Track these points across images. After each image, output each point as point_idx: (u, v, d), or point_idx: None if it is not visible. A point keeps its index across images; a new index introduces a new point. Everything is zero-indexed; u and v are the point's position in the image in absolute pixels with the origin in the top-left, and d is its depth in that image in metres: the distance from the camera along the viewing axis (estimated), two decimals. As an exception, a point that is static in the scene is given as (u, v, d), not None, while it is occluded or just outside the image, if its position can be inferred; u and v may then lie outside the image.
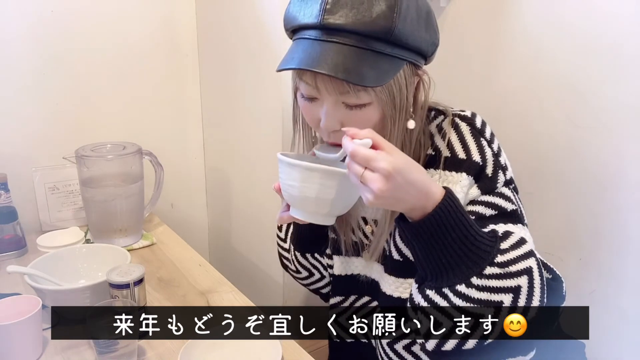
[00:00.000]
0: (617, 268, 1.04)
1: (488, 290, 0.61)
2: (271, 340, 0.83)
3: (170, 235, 1.30)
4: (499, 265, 0.61)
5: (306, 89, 0.71)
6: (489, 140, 0.75)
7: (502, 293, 0.61)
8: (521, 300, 0.61)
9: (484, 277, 0.61)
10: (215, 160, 1.56)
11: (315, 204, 0.68)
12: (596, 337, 1.07)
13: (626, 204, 1.01)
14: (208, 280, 1.08)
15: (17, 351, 0.79)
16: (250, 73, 1.29)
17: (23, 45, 1.23)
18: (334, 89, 0.68)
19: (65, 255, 1.00)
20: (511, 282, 0.61)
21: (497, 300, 0.61)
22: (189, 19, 1.45)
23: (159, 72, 1.44)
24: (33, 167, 1.24)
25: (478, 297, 0.61)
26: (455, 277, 0.62)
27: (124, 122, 1.41)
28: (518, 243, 0.64)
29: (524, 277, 0.62)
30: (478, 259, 0.61)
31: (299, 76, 0.72)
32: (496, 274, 0.61)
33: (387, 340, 0.86)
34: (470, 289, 0.61)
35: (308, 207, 0.70)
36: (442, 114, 0.79)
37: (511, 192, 0.74)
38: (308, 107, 0.74)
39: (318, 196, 0.67)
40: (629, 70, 0.97)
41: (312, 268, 0.97)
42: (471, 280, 0.61)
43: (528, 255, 0.63)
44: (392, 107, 0.70)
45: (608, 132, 1.02)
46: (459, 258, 0.61)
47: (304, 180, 0.67)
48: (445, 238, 0.61)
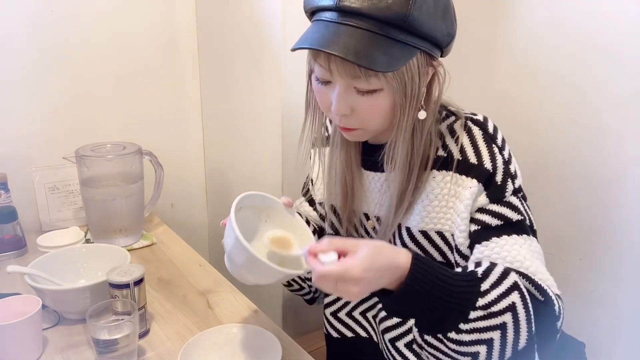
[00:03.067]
0: (617, 268, 1.04)
1: (477, 331, 0.64)
2: (271, 340, 0.83)
3: (170, 235, 1.30)
4: (482, 308, 0.63)
5: (320, 71, 0.72)
6: (500, 147, 0.75)
7: (490, 331, 0.64)
8: (509, 335, 0.64)
9: (470, 322, 0.63)
10: (215, 160, 1.56)
11: (242, 271, 0.71)
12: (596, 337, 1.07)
13: (626, 204, 1.01)
14: (208, 280, 1.08)
15: (17, 351, 0.79)
16: (250, 73, 1.29)
17: (23, 45, 1.23)
18: (346, 72, 0.68)
19: (65, 255, 1.00)
20: (496, 320, 0.63)
21: (487, 339, 0.64)
22: (189, 19, 1.45)
23: (159, 72, 1.44)
24: (33, 167, 1.24)
25: (469, 339, 0.64)
26: (444, 328, 0.64)
27: (124, 122, 1.41)
28: (499, 280, 0.65)
29: (508, 314, 0.64)
30: (461, 307, 0.64)
31: (313, 58, 0.72)
32: (480, 316, 0.63)
33: (389, 336, 0.87)
34: (460, 334, 0.64)
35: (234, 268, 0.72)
36: (453, 115, 0.79)
37: (519, 200, 0.74)
38: (321, 90, 0.74)
39: (242, 268, 0.70)
40: (629, 70, 0.97)
41: (291, 280, 0.97)
42: (459, 326, 0.64)
43: (510, 291, 0.65)
44: (402, 95, 0.70)
45: (608, 132, 1.02)
46: (443, 312, 0.64)
47: (249, 270, 0.70)
48: (425, 299, 0.63)
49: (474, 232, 0.74)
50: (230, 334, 0.85)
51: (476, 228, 0.73)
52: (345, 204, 0.87)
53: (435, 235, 0.79)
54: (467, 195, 0.73)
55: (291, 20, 1.12)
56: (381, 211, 0.84)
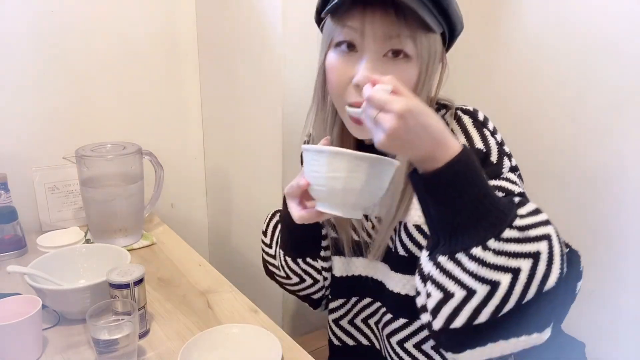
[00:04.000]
0: (617, 268, 1.04)
1: (506, 254, 0.56)
2: (271, 340, 0.83)
3: (170, 235, 1.30)
4: (518, 229, 0.57)
5: (349, 34, 0.68)
6: (492, 131, 0.75)
7: (520, 258, 0.56)
8: (540, 267, 0.56)
9: (502, 241, 0.56)
10: (215, 160, 1.56)
11: (360, 195, 0.62)
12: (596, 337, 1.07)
13: (626, 204, 1.01)
14: (208, 280, 1.08)
15: (17, 351, 0.79)
16: (250, 73, 1.29)
17: (23, 45, 1.23)
18: (384, 31, 0.66)
19: (65, 255, 1.00)
20: (530, 247, 0.57)
21: (514, 267, 0.56)
22: (189, 19, 1.46)
23: (159, 72, 1.44)
24: (33, 167, 1.24)
25: (494, 262, 0.56)
26: (471, 239, 0.57)
27: (124, 122, 1.41)
28: (535, 211, 0.60)
29: (544, 242, 0.57)
30: (496, 220, 0.57)
31: (341, 23, 0.68)
32: (515, 237, 0.57)
33: (397, 338, 0.85)
34: (486, 252, 0.56)
35: (350, 200, 0.63)
36: (444, 107, 0.79)
37: (517, 177, 0.73)
38: (341, 63, 0.70)
39: (365, 186, 0.61)
40: (629, 69, 0.97)
41: (304, 274, 0.92)
42: (488, 243, 0.56)
43: (546, 223, 0.59)
44: (425, 71, 0.69)
45: (608, 132, 1.02)
46: (476, 217, 0.57)
47: (352, 170, 0.60)
48: (461, 194, 0.56)
49: None
50: (230, 334, 0.85)
51: None
52: None
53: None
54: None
55: (291, 20, 1.12)
56: (382, 211, 0.83)
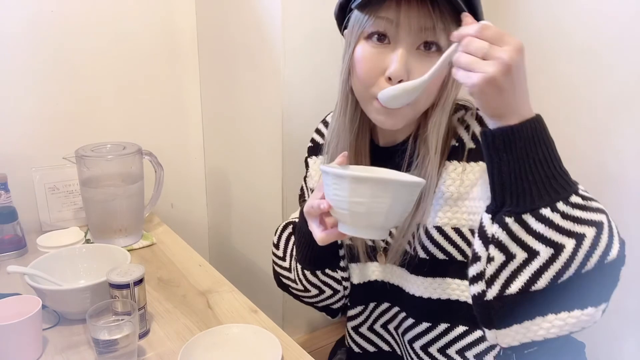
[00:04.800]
0: (617, 268, 1.04)
1: (572, 219, 0.57)
2: (271, 340, 0.83)
3: (170, 235, 1.30)
4: (583, 198, 0.59)
5: (383, 25, 0.68)
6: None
7: (585, 225, 0.57)
8: (604, 237, 0.58)
9: (570, 205, 0.57)
10: (215, 160, 1.56)
11: (384, 217, 0.62)
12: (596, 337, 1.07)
13: (626, 204, 1.01)
14: (208, 280, 1.08)
15: (17, 351, 0.79)
16: (250, 73, 1.29)
17: (23, 45, 1.23)
18: (419, 23, 0.66)
19: (65, 255, 1.00)
20: (594, 216, 0.58)
21: (580, 232, 0.57)
22: (189, 19, 1.46)
23: (159, 72, 1.44)
24: (33, 167, 1.24)
25: (561, 225, 0.57)
26: (541, 199, 0.57)
27: (124, 122, 1.41)
28: (593, 198, 0.62)
29: (604, 215, 0.59)
30: (565, 184, 0.58)
31: (374, 14, 0.68)
32: (581, 205, 0.58)
33: (420, 343, 0.84)
34: (555, 213, 0.57)
35: (373, 222, 0.63)
36: (463, 108, 0.78)
37: None
38: (374, 54, 0.69)
39: (389, 209, 0.61)
40: (628, 69, 0.97)
41: (323, 285, 0.90)
42: (557, 205, 0.57)
43: (599, 211, 0.61)
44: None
45: (607, 132, 1.02)
46: (548, 178, 0.57)
47: (376, 195, 0.60)
48: (538, 152, 0.57)
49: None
50: (230, 334, 0.85)
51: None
52: None
53: (451, 231, 0.76)
54: (480, 174, 0.71)
55: (291, 20, 1.12)
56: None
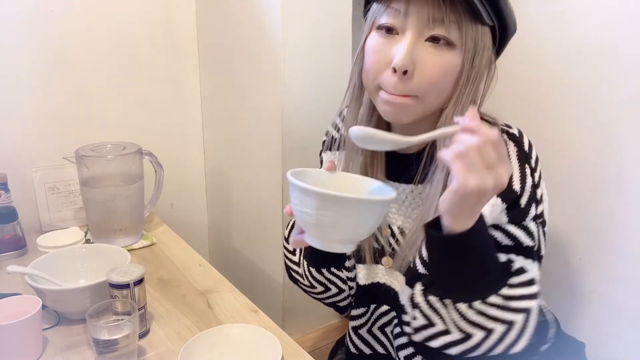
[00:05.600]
0: (617, 268, 1.04)
1: (485, 316, 0.62)
2: (271, 340, 0.83)
3: (170, 235, 1.30)
4: (504, 298, 0.63)
5: (392, 16, 0.67)
6: (533, 168, 0.72)
7: (497, 322, 0.63)
8: (511, 335, 0.63)
9: (486, 304, 0.62)
10: (215, 160, 1.56)
11: (335, 232, 0.62)
12: (596, 337, 1.07)
13: (626, 204, 1.01)
14: (208, 280, 1.08)
15: (17, 351, 0.79)
16: (250, 73, 1.29)
17: (23, 45, 1.23)
18: (428, 14, 0.64)
19: (65, 255, 1.00)
20: (508, 315, 0.63)
21: (489, 327, 0.63)
22: (189, 18, 1.46)
23: (159, 72, 1.44)
24: (33, 167, 1.24)
25: (474, 319, 0.63)
26: (462, 296, 0.63)
27: (124, 122, 1.41)
28: (528, 283, 0.65)
29: (522, 315, 0.63)
30: (490, 286, 0.62)
31: (386, 3, 0.67)
32: (498, 304, 0.62)
33: (404, 353, 0.84)
34: (470, 310, 0.62)
35: (326, 235, 0.63)
36: (488, 123, 0.74)
37: (537, 226, 0.72)
38: (381, 46, 0.69)
39: (336, 224, 0.60)
40: (628, 70, 0.97)
41: (329, 283, 0.90)
42: (474, 303, 0.62)
43: (532, 297, 0.64)
44: (471, 63, 0.66)
45: (608, 132, 1.02)
46: (474, 280, 0.62)
47: (321, 208, 0.59)
48: (473, 258, 0.61)
49: None
50: (230, 334, 0.85)
51: None
52: None
53: None
54: (487, 212, 0.69)
55: (291, 20, 1.12)
56: (406, 223, 0.80)
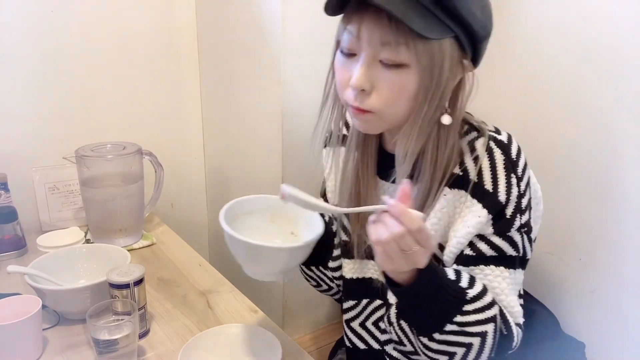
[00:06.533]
0: (617, 268, 1.04)
1: (446, 343, 0.69)
2: (271, 340, 0.83)
3: (170, 235, 1.30)
4: (459, 324, 0.68)
5: (347, 39, 0.69)
6: (519, 176, 0.72)
7: (456, 346, 0.69)
8: (472, 354, 0.70)
9: (444, 333, 0.68)
10: (215, 160, 1.56)
11: (250, 267, 0.75)
12: (596, 337, 1.07)
13: (626, 204, 1.01)
14: (208, 280, 1.08)
15: (17, 351, 0.79)
16: (250, 73, 1.29)
17: (23, 45, 1.23)
18: (377, 37, 0.65)
19: (65, 255, 1.00)
20: (466, 339, 0.68)
21: (451, 351, 0.70)
22: (189, 19, 1.45)
23: (159, 72, 1.44)
24: (33, 167, 1.24)
25: (436, 348, 0.70)
26: (421, 330, 0.70)
27: (124, 122, 1.41)
28: (484, 307, 0.69)
29: (478, 338, 0.68)
30: (444, 318, 0.68)
31: (344, 25, 0.69)
32: (455, 331, 0.68)
33: (391, 346, 0.85)
34: (431, 342, 0.69)
35: (246, 267, 0.75)
36: (475, 130, 0.75)
37: (520, 236, 0.73)
38: (344, 65, 0.71)
39: (247, 262, 0.74)
40: (628, 70, 0.97)
41: (319, 279, 0.96)
42: (433, 335, 0.69)
43: (487, 321, 0.69)
44: (429, 79, 0.66)
45: (608, 133, 1.02)
46: (429, 318, 0.69)
47: (232, 245, 0.72)
48: (420, 301, 0.68)
49: (466, 256, 0.73)
50: (230, 334, 0.85)
51: (470, 254, 0.73)
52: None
53: (436, 249, 0.78)
54: (473, 223, 0.71)
55: (291, 21, 1.12)
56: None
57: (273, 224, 0.83)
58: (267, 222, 0.82)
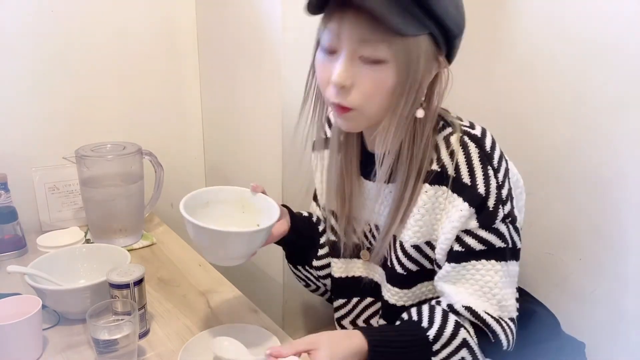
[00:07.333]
0: (617, 268, 1.04)
1: None
2: (271, 340, 0.83)
3: (170, 235, 1.30)
4: None
5: (328, 37, 0.70)
6: (495, 168, 0.73)
7: None
8: None
9: None
10: (215, 159, 1.56)
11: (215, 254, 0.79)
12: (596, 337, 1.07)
13: (626, 203, 1.01)
14: (208, 280, 1.08)
15: (17, 351, 0.79)
16: (250, 73, 1.29)
17: (23, 45, 1.23)
18: (357, 35, 0.67)
19: (65, 255, 1.00)
20: None
21: None
22: (189, 19, 1.46)
23: (159, 72, 1.44)
24: (33, 167, 1.24)
25: None
26: None
27: (124, 122, 1.41)
28: (449, 340, 0.72)
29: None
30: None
31: (324, 23, 0.71)
32: None
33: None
34: None
35: (206, 253, 0.80)
36: (450, 126, 0.76)
37: (506, 226, 0.74)
38: (324, 63, 0.72)
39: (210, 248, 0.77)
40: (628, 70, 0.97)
41: (306, 279, 0.99)
42: None
43: (459, 349, 0.72)
44: (406, 75, 0.68)
45: (608, 132, 1.02)
46: None
47: (195, 233, 0.76)
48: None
49: (456, 252, 0.74)
50: (230, 333, 0.85)
51: (459, 249, 0.74)
52: (342, 210, 0.86)
53: (425, 245, 0.79)
54: (456, 217, 0.73)
55: (291, 21, 1.12)
56: (379, 220, 0.83)
57: (243, 214, 0.88)
58: (238, 212, 0.88)
